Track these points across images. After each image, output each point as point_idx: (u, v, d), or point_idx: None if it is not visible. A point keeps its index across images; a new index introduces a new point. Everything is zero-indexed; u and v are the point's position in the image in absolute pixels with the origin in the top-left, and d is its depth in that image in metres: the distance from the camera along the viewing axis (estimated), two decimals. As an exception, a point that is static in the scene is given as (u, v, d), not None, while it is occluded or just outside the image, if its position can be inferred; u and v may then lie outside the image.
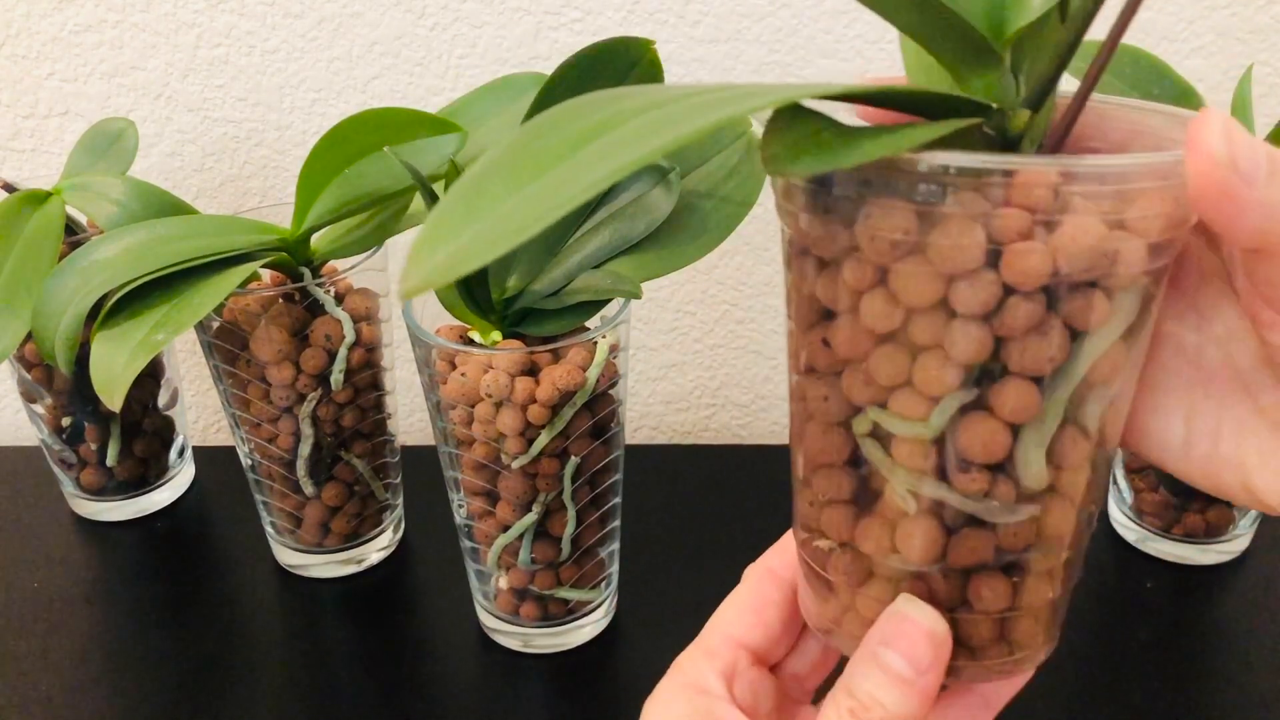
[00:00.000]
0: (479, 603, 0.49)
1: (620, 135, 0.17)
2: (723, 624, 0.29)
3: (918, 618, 0.24)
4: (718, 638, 0.29)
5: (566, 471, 0.43)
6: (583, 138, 0.17)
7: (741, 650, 0.29)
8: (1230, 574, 0.52)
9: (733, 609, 0.29)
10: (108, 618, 0.52)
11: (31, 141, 0.62)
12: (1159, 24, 0.57)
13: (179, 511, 0.60)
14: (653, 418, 0.69)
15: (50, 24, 0.59)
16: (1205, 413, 0.24)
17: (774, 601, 0.29)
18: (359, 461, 0.51)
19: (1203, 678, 0.46)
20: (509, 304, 0.42)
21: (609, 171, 0.17)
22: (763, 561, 0.30)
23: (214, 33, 0.59)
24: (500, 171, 0.17)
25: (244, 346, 0.47)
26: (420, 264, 0.16)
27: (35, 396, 0.56)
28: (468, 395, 0.41)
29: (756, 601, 0.29)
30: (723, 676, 0.28)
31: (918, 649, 0.23)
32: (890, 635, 0.24)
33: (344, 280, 0.48)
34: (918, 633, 0.23)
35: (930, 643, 0.23)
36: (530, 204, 0.16)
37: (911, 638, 0.23)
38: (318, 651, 0.50)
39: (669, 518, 0.57)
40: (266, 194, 0.64)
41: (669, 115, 0.18)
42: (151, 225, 0.44)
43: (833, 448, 0.24)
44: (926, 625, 0.23)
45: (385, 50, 0.59)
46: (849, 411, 0.23)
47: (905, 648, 0.23)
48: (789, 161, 0.19)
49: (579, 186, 0.16)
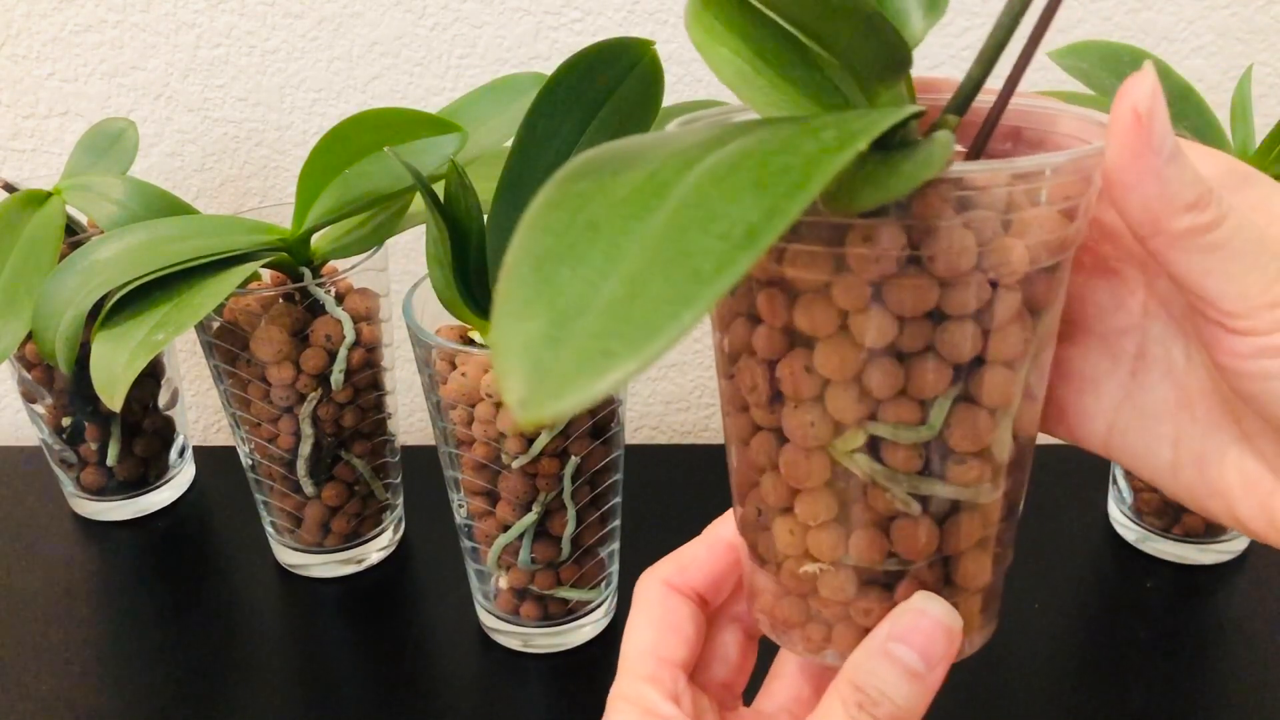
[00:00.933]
0: (479, 603, 0.49)
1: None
2: (649, 647, 0.28)
3: (936, 613, 0.24)
4: (651, 662, 0.28)
5: (566, 471, 0.43)
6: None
7: (678, 670, 0.28)
8: (1230, 574, 0.52)
9: (652, 630, 0.29)
10: (108, 618, 0.52)
11: (31, 141, 0.62)
12: (1159, 24, 0.57)
13: (179, 511, 0.60)
14: (653, 418, 0.69)
15: (50, 24, 0.59)
16: (1192, 436, 0.24)
17: (687, 616, 0.29)
18: (359, 461, 0.51)
19: (1203, 678, 0.46)
20: (509, 304, 0.42)
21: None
22: (654, 576, 0.30)
23: (214, 33, 0.59)
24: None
25: (244, 346, 0.47)
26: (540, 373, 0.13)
27: (35, 396, 0.56)
28: (468, 395, 0.41)
29: (673, 619, 0.29)
30: (671, 699, 0.27)
31: (934, 643, 0.23)
32: (904, 630, 0.24)
33: (344, 280, 0.48)
34: (935, 627, 0.24)
35: (946, 637, 0.24)
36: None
37: (927, 632, 0.24)
38: (318, 651, 0.50)
39: (669, 518, 0.57)
40: (266, 194, 0.64)
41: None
42: (151, 225, 0.44)
43: (816, 472, 0.24)
44: (945, 620, 0.24)
45: (385, 50, 0.59)
46: (834, 433, 0.23)
47: (920, 642, 0.23)
48: (850, 199, 0.19)
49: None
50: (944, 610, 0.24)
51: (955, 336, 0.22)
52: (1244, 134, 0.44)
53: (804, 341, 0.23)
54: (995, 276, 0.21)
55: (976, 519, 0.24)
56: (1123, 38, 0.56)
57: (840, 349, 0.22)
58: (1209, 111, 0.45)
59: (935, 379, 0.22)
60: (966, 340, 0.22)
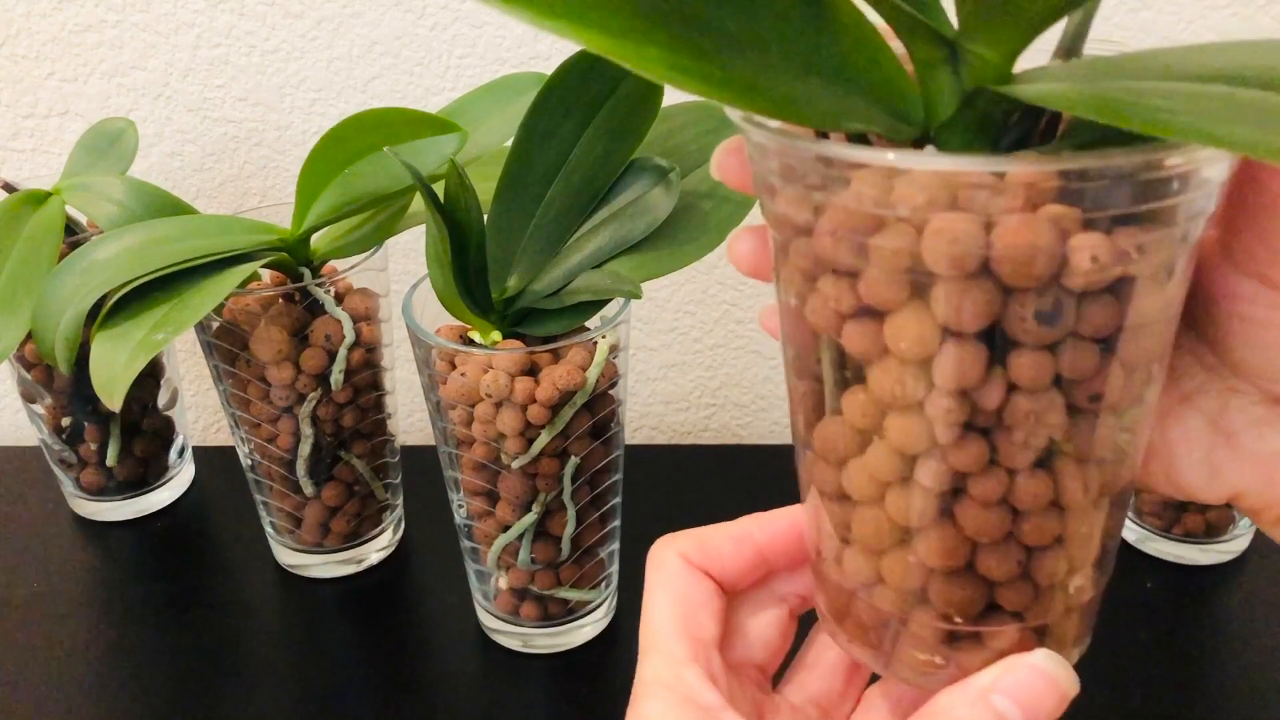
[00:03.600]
0: (479, 603, 0.49)
1: None
2: (680, 625, 0.26)
3: (1052, 673, 0.22)
4: (686, 642, 0.26)
5: (566, 471, 0.43)
6: None
7: (713, 650, 0.26)
8: (1230, 574, 0.52)
9: (680, 606, 0.26)
10: (108, 618, 0.52)
11: (31, 141, 0.62)
12: (1159, 24, 0.57)
13: (179, 511, 0.60)
14: (653, 418, 0.69)
15: (50, 24, 0.59)
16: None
17: (711, 592, 0.27)
18: (359, 461, 0.51)
19: (1203, 678, 0.46)
20: (509, 304, 0.42)
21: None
22: (672, 548, 0.28)
23: (214, 33, 0.59)
24: None
25: (244, 346, 0.47)
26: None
27: (35, 396, 0.56)
28: (468, 395, 0.41)
29: (699, 594, 0.27)
30: (710, 682, 0.25)
31: (1041, 705, 0.22)
32: (1014, 685, 0.22)
33: (344, 280, 0.48)
34: (1048, 689, 0.22)
35: (1057, 700, 0.22)
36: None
37: (1038, 693, 0.22)
38: (317, 652, 0.50)
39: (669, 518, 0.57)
40: (266, 194, 0.64)
41: None
42: (151, 225, 0.44)
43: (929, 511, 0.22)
44: (1061, 684, 0.22)
45: (385, 50, 0.59)
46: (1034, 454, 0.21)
47: (1027, 700, 0.22)
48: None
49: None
50: (1062, 671, 0.22)
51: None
52: (1244, 134, 0.44)
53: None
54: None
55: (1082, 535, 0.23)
56: (1123, 37, 0.56)
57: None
58: None
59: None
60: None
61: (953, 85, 0.21)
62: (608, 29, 0.17)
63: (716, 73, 0.18)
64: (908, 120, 0.21)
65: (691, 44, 0.18)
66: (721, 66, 0.19)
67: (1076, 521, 0.22)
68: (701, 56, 0.18)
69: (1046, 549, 0.22)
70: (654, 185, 0.41)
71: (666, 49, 0.18)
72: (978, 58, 0.20)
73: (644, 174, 0.42)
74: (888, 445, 0.22)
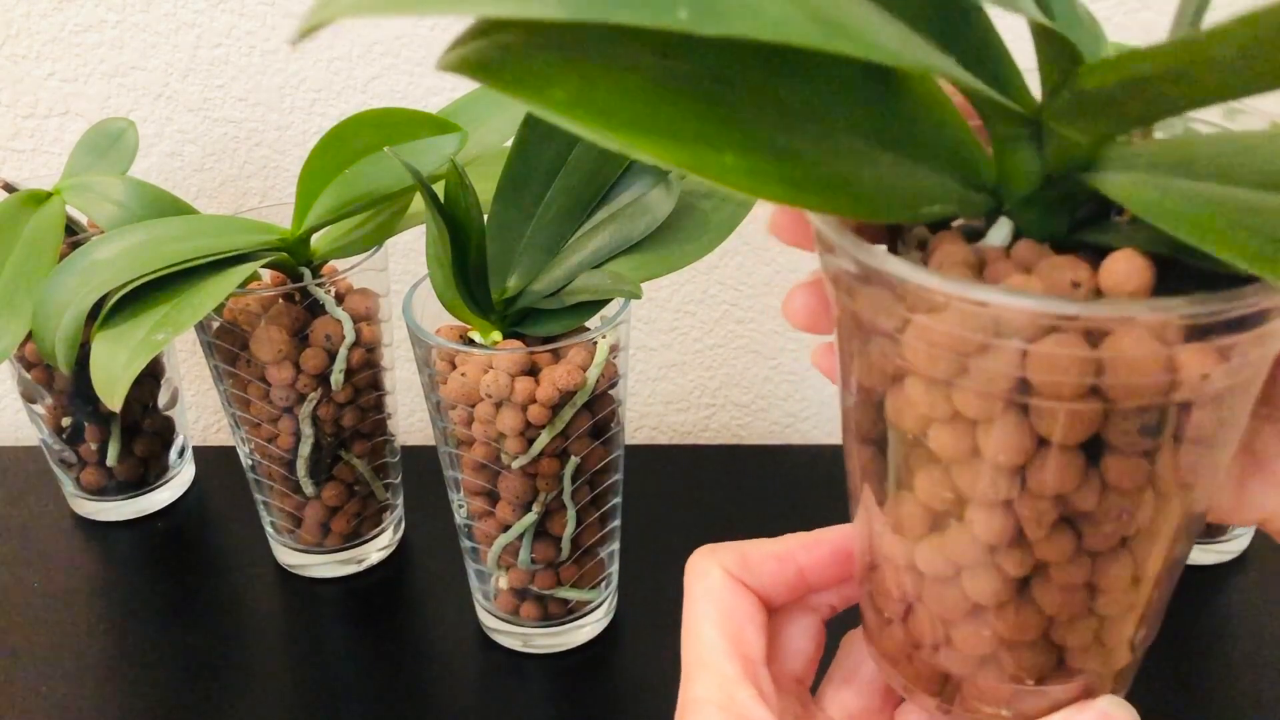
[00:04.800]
0: (479, 603, 0.49)
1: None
2: (731, 643, 0.25)
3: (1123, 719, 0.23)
4: (736, 660, 0.25)
5: (566, 471, 0.43)
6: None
7: (763, 667, 0.25)
8: (1230, 574, 0.52)
9: (729, 622, 0.26)
10: (108, 618, 0.52)
11: (31, 141, 0.62)
12: (1159, 24, 0.57)
13: (179, 511, 0.60)
14: (653, 418, 0.69)
15: (50, 24, 0.59)
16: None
17: (756, 608, 0.27)
18: (359, 461, 0.51)
19: (1203, 678, 0.46)
20: (509, 304, 0.42)
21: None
22: (714, 560, 0.27)
23: (214, 33, 0.59)
24: None
25: (244, 346, 0.47)
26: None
27: (35, 396, 0.56)
28: (468, 395, 0.41)
29: (746, 609, 0.26)
30: (762, 701, 0.24)
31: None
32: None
33: (344, 280, 0.48)
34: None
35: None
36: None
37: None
38: (318, 651, 0.50)
39: (669, 518, 0.57)
40: (266, 194, 0.64)
41: None
42: (151, 225, 0.44)
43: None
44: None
45: (385, 50, 0.59)
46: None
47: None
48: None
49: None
50: (1126, 716, 0.23)
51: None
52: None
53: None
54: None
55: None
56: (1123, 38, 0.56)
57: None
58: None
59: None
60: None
61: (1035, 164, 0.20)
62: (678, 136, 0.16)
63: (796, 173, 0.17)
64: (982, 190, 0.20)
65: (764, 139, 0.17)
66: (800, 163, 0.17)
67: (1151, 589, 0.22)
68: (779, 155, 0.17)
69: (1120, 616, 0.22)
70: (654, 185, 0.41)
71: (741, 152, 0.16)
72: (1065, 140, 0.19)
73: (644, 174, 0.42)
74: (970, 533, 0.21)
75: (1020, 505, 0.20)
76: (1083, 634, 0.22)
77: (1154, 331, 0.18)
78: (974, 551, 0.21)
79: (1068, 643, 0.22)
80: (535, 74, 0.15)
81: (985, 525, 0.21)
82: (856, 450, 0.24)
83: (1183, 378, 0.18)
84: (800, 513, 0.57)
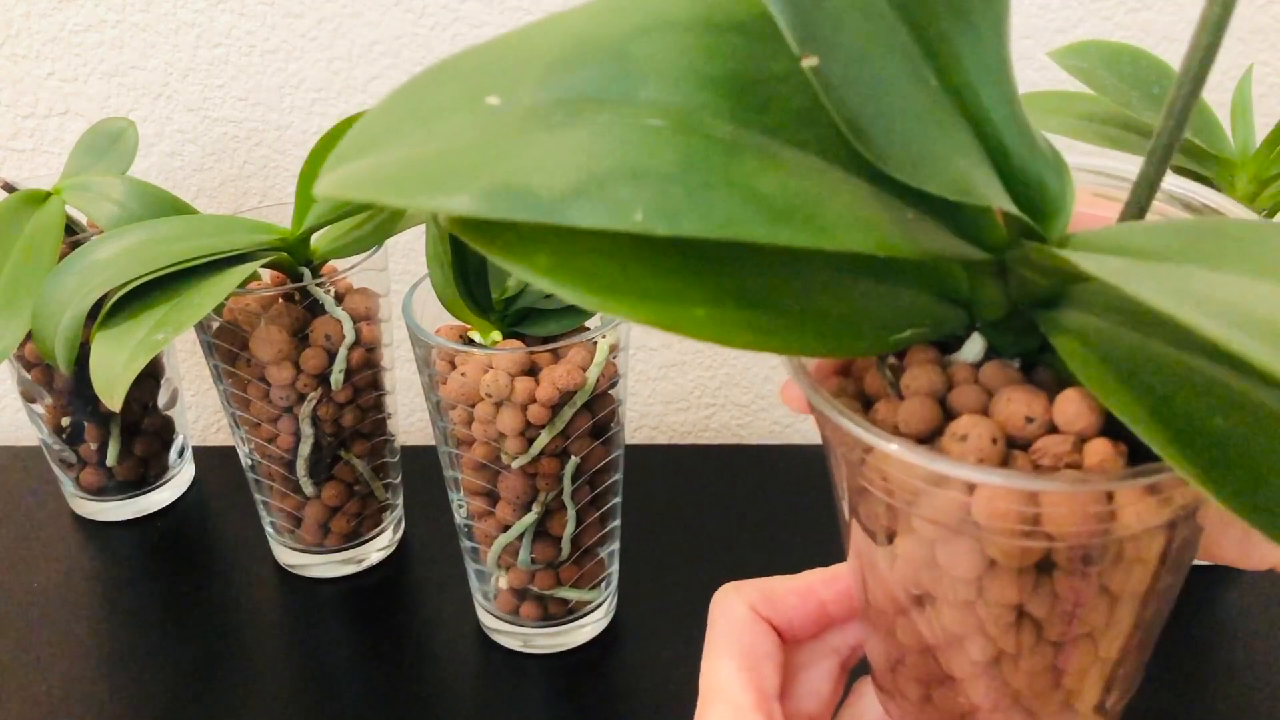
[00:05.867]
0: (479, 603, 0.49)
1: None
2: (747, 677, 0.26)
3: None
4: (751, 694, 0.26)
5: (566, 471, 0.43)
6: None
7: (775, 703, 0.26)
8: (1230, 574, 0.52)
9: (746, 657, 0.27)
10: (108, 618, 0.52)
11: (31, 141, 0.62)
12: (1159, 24, 0.57)
13: (179, 511, 0.60)
14: (653, 418, 0.69)
15: (50, 24, 0.59)
16: None
17: (776, 646, 0.28)
18: (359, 461, 0.51)
19: (1203, 677, 0.46)
20: (509, 304, 0.42)
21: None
22: (739, 597, 0.28)
23: (214, 33, 0.59)
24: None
25: (244, 346, 0.47)
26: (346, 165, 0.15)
27: (35, 396, 0.56)
28: (468, 395, 0.41)
29: (765, 647, 0.27)
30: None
31: None
32: None
33: (344, 280, 0.48)
34: None
35: None
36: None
37: None
38: (318, 651, 0.50)
39: (669, 518, 0.57)
40: (266, 194, 0.64)
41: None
42: (151, 225, 0.44)
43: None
44: None
45: (385, 50, 0.59)
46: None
47: None
48: None
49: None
50: None
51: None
52: (1244, 134, 0.44)
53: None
54: None
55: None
56: (1123, 38, 0.56)
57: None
58: (1209, 111, 0.45)
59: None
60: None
61: (1000, 296, 0.21)
62: (650, 295, 0.17)
63: (763, 320, 0.18)
64: (957, 304, 0.21)
65: (733, 287, 0.18)
66: (767, 308, 0.18)
67: (1114, 666, 0.23)
68: (747, 303, 0.18)
69: (1087, 689, 0.23)
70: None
71: (710, 304, 0.17)
72: (1025, 279, 0.20)
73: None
74: (940, 620, 0.22)
75: (979, 608, 0.21)
76: (1051, 705, 0.23)
77: (1084, 495, 0.19)
78: (943, 634, 0.23)
79: (1037, 710, 0.23)
80: (522, 241, 0.17)
81: (950, 618, 0.22)
82: (845, 524, 0.25)
83: (1121, 522, 0.19)
84: (800, 513, 0.57)
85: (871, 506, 0.22)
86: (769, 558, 0.54)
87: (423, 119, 0.17)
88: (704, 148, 0.17)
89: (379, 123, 0.17)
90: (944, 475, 0.19)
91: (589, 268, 0.16)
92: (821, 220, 0.16)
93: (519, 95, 0.17)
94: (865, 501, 0.23)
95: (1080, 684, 0.23)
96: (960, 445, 0.19)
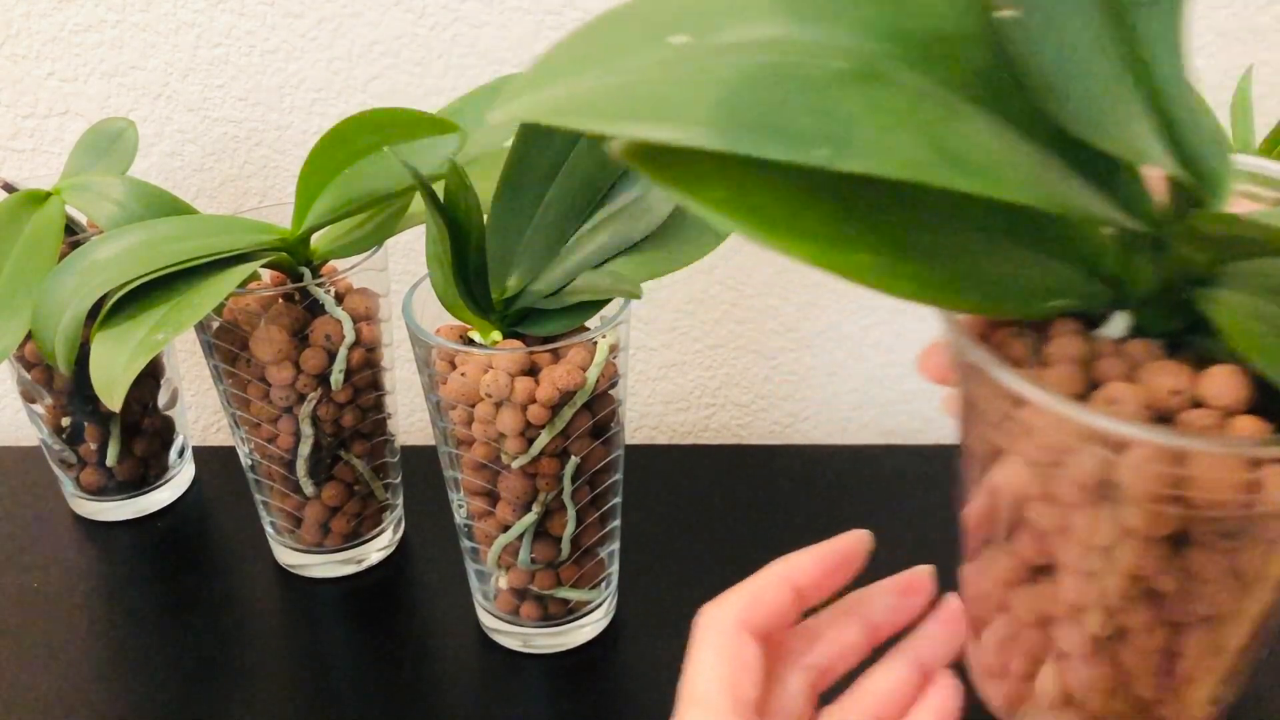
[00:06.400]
0: (479, 603, 0.49)
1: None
2: (725, 684, 0.27)
3: None
4: (727, 699, 0.26)
5: (566, 471, 0.43)
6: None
7: (752, 713, 0.27)
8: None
9: (725, 665, 0.27)
10: (108, 618, 0.52)
11: (31, 141, 0.62)
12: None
13: (179, 511, 0.60)
14: (653, 418, 0.69)
15: (50, 24, 0.59)
16: None
17: (757, 655, 0.28)
18: (359, 461, 0.51)
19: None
20: (509, 304, 0.42)
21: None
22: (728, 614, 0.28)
23: (214, 33, 0.59)
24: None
25: (244, 346, 0.47)
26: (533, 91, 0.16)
27: (35, 396, 0.56)
28: (468, 395, 0.41)
29: (746, 656, 0.28)
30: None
31: None
32: None
33: (344, 280, 0.48)
34: None
35: None
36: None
37: None
38: (318, 651, 0.50)
39: (669, 518, 0.57)
40: (266, 194, 0.64)
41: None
42: (151, 225, 0.44)
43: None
44: None
45: (385, 50, 0.59)
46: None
47: None
48: None
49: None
50: None
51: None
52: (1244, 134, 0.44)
53: None
54: None
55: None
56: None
57: None
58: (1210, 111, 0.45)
59: None
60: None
61: (1153, 272, 0.21)
62: (817, 237, 0.17)
63: (924, 271, 0.18)
64: (1105, 281, 0.21)
65: (897, 238, 0.18)
66: (928, 261, 0.19)
67: (1232, 658, 0.23)
68: (910, 254, 0.18)
69: (1199, 679, 0.23)
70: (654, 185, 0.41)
71: (874, 251, 0.18)
72: (1182, 255, 0.20)
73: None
74: (1062, 591, 0.23)
75: (1105, 578, 0.21)
76: (1163, 689, 0.23)
77: (1233, 459, 0.19)
78: (1063, 608, 0.23)
79: (1146, 695, 0.23)
80: (695, 174, 0.17)
81: (1072, 588, 0.22)
82: (968, 488, 0.25)
83: (1265, 497, 0.19)
84: (800, 513, 0.57)
85: (1005, 471, 0.22)
86: (769, 558, 0.54)
87: (610, 54, 0.17)
88: (888, 93, 0.17)
89: (564, 55, 0.17)
90: (1097, 431, 0.19)
91: (761, 205, 0.17)
92: (998, 172, 0.17)
93: (707, 36, 0.17)
94: (1000, 466, 0.23)
95: (1195, 671, 0.23)
96: (1111, 409, 0.19)
